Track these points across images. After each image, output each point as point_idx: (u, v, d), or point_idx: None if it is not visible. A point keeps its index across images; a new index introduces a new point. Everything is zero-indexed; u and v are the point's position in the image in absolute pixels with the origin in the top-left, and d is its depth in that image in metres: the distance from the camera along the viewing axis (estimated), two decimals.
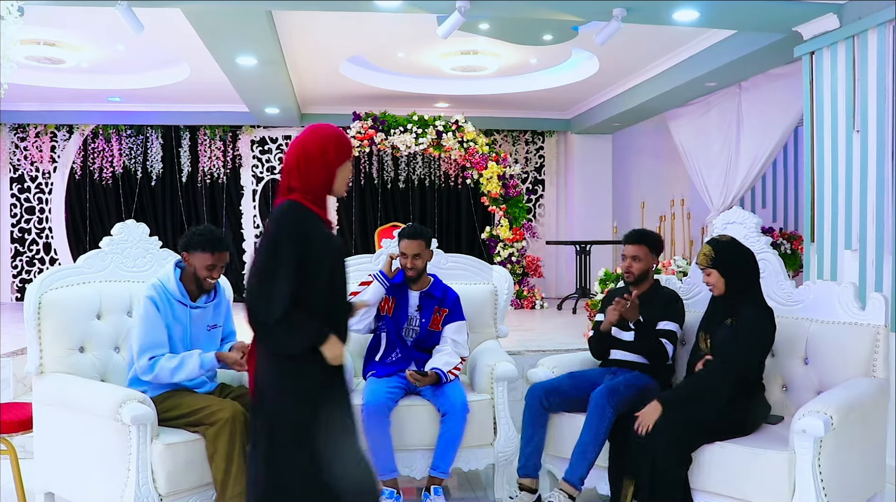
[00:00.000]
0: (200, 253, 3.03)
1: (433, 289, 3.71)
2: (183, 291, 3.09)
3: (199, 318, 3.15)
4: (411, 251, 3.63)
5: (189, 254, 3.06)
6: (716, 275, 3.10)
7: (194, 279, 3.10)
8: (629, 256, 3.50)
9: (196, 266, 3.06)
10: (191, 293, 3.12)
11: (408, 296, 3.69)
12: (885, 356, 3.04)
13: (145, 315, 3.00)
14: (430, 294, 3.69)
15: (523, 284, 8.75)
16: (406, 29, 6.23)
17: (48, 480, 3.08)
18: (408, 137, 8.45)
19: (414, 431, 3.46)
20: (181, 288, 3.09)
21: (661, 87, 7.28)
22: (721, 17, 4.95)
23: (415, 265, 3.64)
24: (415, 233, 3.65)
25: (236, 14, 5.09)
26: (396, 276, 3.71)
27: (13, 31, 3.84)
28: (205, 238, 3.03)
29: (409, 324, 3.68)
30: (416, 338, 3.67)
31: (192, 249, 3.05)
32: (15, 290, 9.41)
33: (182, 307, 3.09)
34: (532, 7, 4.76)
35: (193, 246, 3.04)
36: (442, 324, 3.67)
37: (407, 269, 3.65)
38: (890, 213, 4.06)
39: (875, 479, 3.04)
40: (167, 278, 3.09)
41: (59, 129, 9.35)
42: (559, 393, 3.40)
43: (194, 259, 3.05)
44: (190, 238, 3.05)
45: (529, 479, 3.36)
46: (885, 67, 4.07)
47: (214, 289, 3.21)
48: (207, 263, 3.05)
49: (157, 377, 2.97)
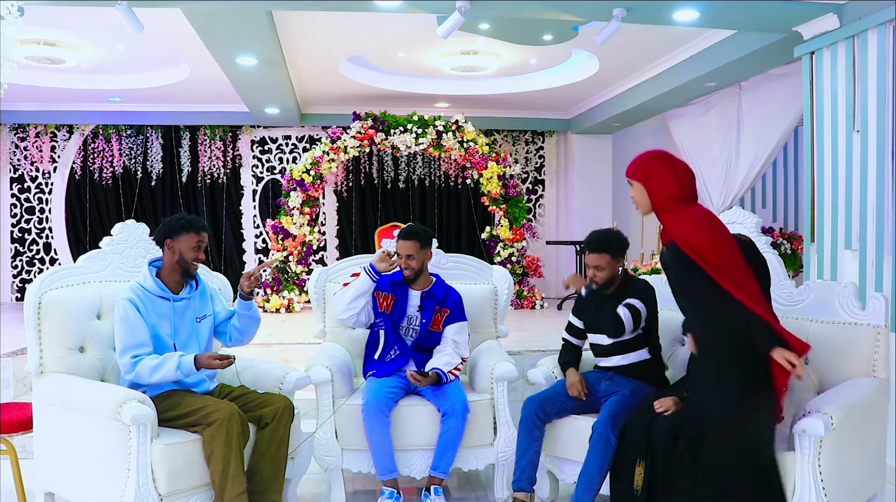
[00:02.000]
0: (185, 234, 3.06)
1: (435, 289, 3.69)
2: (162, 286, 3.08)
3: (184, 311, 3.13)
4: (405, 251, 3.62)
5: (173, 239, 3.07)
6: None
7: (178, 268, 3.09)
8: (591, 266, 3.37)
9: (183, 250, 3.06)
10: (172, 286, 3.11)
11: (408, 295, 3.68)
12: (885, 356, 3.03)
13: (124, 316, 2.99)
14: (432, 294, 3.67)
15: (523, 284, 8.75)
16: (406, 29, 6.23)
17: (48, 480, 3.08)
18: (408, 137, 8.45)
19: (414, 431, 3.46)
20: (159, 284, 3.08)
21: (661, 87, 7.28)
22: (721, 17, 4.95)
23: (409, 265, 3.63)
24: (408, 234, 3.64)
25: (236, 14, 5.09)
26: (396, 274, 3.70)
27: (13, 31, 3.84)
28: (185, 220, 3.08)
29: (408, 324, 3.67)
30: (416, 338, 3.65)
31: (175, 234, 3.06)
32: (15, 290, 9.42)
33: (164, 302, 3.07)
34: (532, 7, 4.76)
35: (177, 230, 3.06)
36: (443, 325, 3.66)
37: (403, 270, 3.65)
38: (890, 213, 4.07)
39: (875, 479, 3.04)
40: (143, 278, 3.09)
41: (59, 129, 9.35)
42: (555, 403, 3.37)
43: (180, 243, 3.06)
44: (170, 225, 3.08)
45: (524, 493, 3.33)
46: (885, 67, 4.07)
47: (195, 278, 3.19)
48: (193, 244, 3.07)
49: (138, 376, 2.95)
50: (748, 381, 2.57)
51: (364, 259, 4.06)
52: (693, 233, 2.59)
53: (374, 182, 9.81)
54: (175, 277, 3.11)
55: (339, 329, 3.91)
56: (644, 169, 2.72)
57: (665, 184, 2.66)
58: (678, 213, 2.66)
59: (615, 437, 3.09)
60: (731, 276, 2.55)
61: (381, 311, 3.66)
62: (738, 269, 2.56)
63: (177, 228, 3.06)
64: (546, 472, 3.49)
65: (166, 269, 3.11)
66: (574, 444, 3.30)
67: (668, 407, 2.99)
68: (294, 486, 3.28)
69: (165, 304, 3.08)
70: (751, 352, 2.56)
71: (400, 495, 3.37)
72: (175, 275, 3.11)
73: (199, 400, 2.99)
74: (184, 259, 3.07)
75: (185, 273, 3.12)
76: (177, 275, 3.11)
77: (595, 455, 3.10)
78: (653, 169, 2.70)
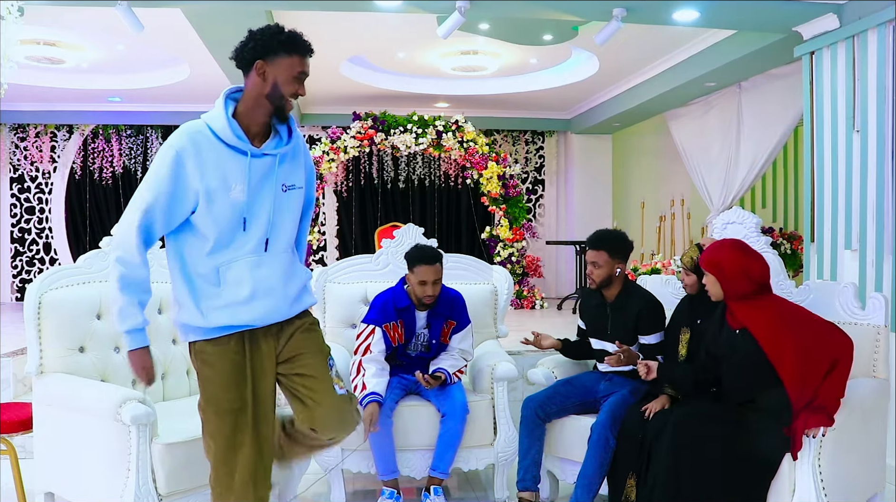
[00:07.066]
0: (287, 58, 2.16)
1: (440, 306, 3.47)
2: (239, 133, 2.16)
3: (266, 174, 2.20)
4: (433, 277, 3.34)
5: (267, 62, 2.14)
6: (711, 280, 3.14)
7: (267, 105, 2.17)
8: (589, 262, 3.32)
9: (280, 79, 2.15)
10: (253, 133, 2.20)
11: (415, 317, 3.47)
12: (885, 356, 3.03)
13: (157, 174, 2.12)
14: (438, 312, 3.49)
15: (523, 284, 8.74)
16: (406, 29, 6.23)
17: (48, 480, 3.08)
18: (408, 137, 8.45)
19: (414, 431, 3.46)
20: (235, 127, 2.15)
21: (661, 87, 7.29)
22: (721, 17, 4.96)
23: (435, 292, 3.36)
24: (434, 257, 3.36)
25: (236, 14, 5.09)
26: (401, 300, 3.44)
27: (13, 31, 3.84)
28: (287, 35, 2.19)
29: (417, 342, 3.53)
30: (425, 354, 3.54)
31: (272, 53, 2.15)
32: (15, 290, 9.41)
33: (238, 157, 2.16)
34: (532, 7, 4.76)
35: (274, 48, 2.16)
36: (450, 336, 3.54)
37: (426, 297, 3.36)
38: (890, 213, 4.07)
39: (875, 479, 3.04)
40: (213, 116, 2.17)
41: (59, 129, 9.35)
42: (555, 403, 3.36)
43: (277, 69, 2.15)
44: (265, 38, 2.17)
45: (529, 492, 3.33)
46: (885, 67, 4.07)
47: (289, 125, 2.28)
48: (296, 72, 2.17)
49: (109, 273, 2.21)
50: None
51: (364, 259, 4.06)
52: (772, 334, 2.70)
53: (374, 182, 9.80)
54: (259, 119, 2.19)
55: (339, 329, 3.91)
56: (716, 260, 2.82)
57: (738, 278, 2.77)
58: (750, 306, 2.77)
59: (614, 438, 3.09)
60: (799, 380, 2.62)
61: (395, 345, 3.45)
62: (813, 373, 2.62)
63: (275, 46, 2.15)
64: (546, 472, 3.49)
65: (247, 105, 2.18)
66: (574, 444, 3.30)
67: (657, 409, 3.02)
68: (294, 486, 3.28)
69: (238, 161, 2.16)
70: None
71: (400, 495, 3.37)
72: (260, 115, 2.19)
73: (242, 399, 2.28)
74: (278, 91, 2.16)
75: (277, 113, 2.20)
76: (262, 115, 2.19)
77: (594, 455, 3.11)
78: (726, 261, 2.79)
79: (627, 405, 3.17)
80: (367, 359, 3.36)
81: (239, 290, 2.20)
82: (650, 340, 3.28)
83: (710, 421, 2.80)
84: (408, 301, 3.43)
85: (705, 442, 2.74)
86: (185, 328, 2.28)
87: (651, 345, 3.28)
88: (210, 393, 2.28)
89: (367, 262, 4.05)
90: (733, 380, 2.85)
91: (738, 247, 2.83)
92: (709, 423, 2.79)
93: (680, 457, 2.74)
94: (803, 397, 2.60)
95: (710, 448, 2.72)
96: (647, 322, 3.28)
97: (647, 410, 3.05)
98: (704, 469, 2.70)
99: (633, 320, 3.29)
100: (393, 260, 4.04)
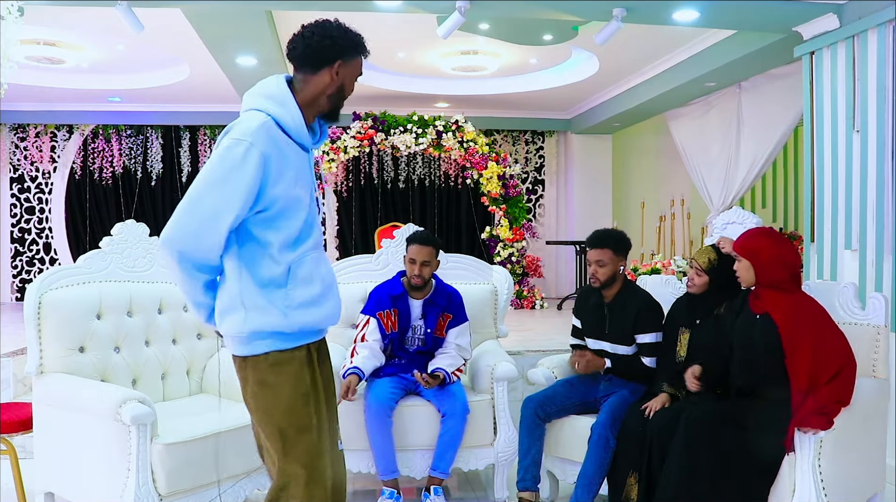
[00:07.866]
0: (355, 59, 2.12)
1: (436, 296, 3.58)
2: (305, 129, 2.07)
3: (310, 167, 2.16)
4: (422, 257, 3.46)
5: (345, 62, 2.08)
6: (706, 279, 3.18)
7: (328, 104, 2.11)
8: (593, 261, 3.31)
9: (346, 80, 2.09)
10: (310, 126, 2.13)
11: (409, 306, 3.56)
12: (885, 356, 3.03)
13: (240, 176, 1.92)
14: (433, 301, 3.56)
15: (523, 284, 8.75)
16: (406, 29, 6.24)
17: (48, 480, 3.08)
18: (408, 137, 8.45)
19: (414, 431, 3.46)
20: (302, 123, 2.06)
21: (661, 87, 7.29)
22: (721, 17, 4.96)
23: (422, 273, 3.48)
24: (426, 240, 3.48)
25: (236, 14, 5.09)
26: (395, 287, 3.57)
27: (13, 31, 3.84)
28: (359, 37, 2.14)
29: (413, 334, 3.57)
30: (421, 347, 3.57)
31: (349, 54, 2.08)
32: (15, 290, 9.41)
33: (300, 153, 2.08)
34: (532, 7, 4.77)
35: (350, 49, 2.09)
36: (446, 330, 3.58)
37: (414, 277, 3.49)
38: (890, 213, 4.07)
39: (875, 479, 3.04)
40: (286, 111, 2.02)
41: (59, 129, 9.35)
42: (555, 403, 3.37)
43: (349, 70, 2.09)
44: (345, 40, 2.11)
45: (529, 492, 3.34)
46: (885, 67, 4.07)
47: (320, 124, 2.22)
48: (358, 73, 2.13)
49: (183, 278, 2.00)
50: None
51: (364, 259, 4.06)
52: (792, 322, 2.72)
53: (374, 182, 9.81)
54: (311, 117, 2.12)
55: (338, 329, 3.91)
56: (754, 247, 2.82)
57: (774, 265, 2.79)
58: (778, 293, 2.79)
59: (614, 438, 3.09)
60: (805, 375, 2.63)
61: (389, 333, 3.51)
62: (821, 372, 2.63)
63: (351, 48, 2.07)
64: (546, 472, 3.49)
65: (307, 102, 2.07)
66: (574, 444, 3.30)
67: (656, 407, 3.04)
68: None
69: (302, 157, 2.09)
70: None
71: (400, 495, 3.37)
72: (313, 113, 2.12)
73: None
74: (343, 92, 2.11)
75: (333, 112, 2.14)
76: (315, 114, 2.13)
77: (594, 455, 3.11)
78: (763, 248, 2.80)
79: (627, 405, 3.18)
80: (361, 345, 3.47)
81: (311, 289, 2.05)
82: (648, 339, 3.30)
83: (722, 421, 2.80)
84: (402, 288, 3.54)
85: (719, 441, 2.75)
86: (256, 336, 2.00)
87: (649, 344, 3.29)
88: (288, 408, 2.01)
89: (368, 262, 4.05)
90: (743, 367, 2.86)
91: (774, 234, 2.87)
92: (721, 423, 2.79)
93: (694, 457, 2.74)
94: (803, 392, 2.61)
95: (723, 447, 2.73)
96: (645, 321, 3.30)
97: (647, 408, 3.06)
98: (718, 468, 2.71)
99: (632, 320, 3.30)
100: (393, 260, 4.04)
